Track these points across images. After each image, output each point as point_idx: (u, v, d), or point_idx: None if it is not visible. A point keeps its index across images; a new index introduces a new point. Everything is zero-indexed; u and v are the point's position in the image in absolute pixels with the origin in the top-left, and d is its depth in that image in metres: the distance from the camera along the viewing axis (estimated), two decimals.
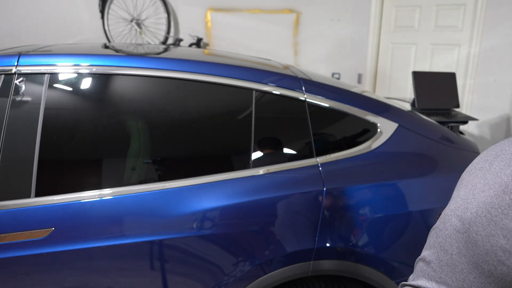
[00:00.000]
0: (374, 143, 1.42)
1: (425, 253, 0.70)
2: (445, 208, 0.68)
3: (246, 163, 1.31)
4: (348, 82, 3.61)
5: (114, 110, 1.28)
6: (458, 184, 0.70)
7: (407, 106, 2.01)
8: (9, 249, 1.14)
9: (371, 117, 1.44)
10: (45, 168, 1.19)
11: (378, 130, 1.44)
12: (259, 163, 1.31)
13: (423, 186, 1.40)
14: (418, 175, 1.41)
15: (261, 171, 1.30)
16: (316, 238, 1.29)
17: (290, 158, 1.34)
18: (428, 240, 0.70)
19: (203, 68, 1.34)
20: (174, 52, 1.61)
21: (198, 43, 3.95)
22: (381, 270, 1.36)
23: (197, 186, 1.25)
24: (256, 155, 1.32)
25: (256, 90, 1.36)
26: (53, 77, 1.25)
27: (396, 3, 3.61)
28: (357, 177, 1.35)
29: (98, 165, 1.25)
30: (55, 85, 1.25)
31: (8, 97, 1.21)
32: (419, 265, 0.70)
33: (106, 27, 4.00)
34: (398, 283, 1.38)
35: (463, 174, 0.70)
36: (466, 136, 1.75)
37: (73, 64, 1.27)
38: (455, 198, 0.66)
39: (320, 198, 1.29)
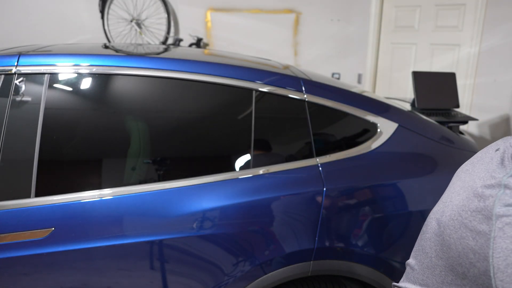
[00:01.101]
0: (374, 143, 1.42)
1: (411, 256, 0.71)
2: (431, 211, 0.69)
3: (246, 163, 1.31)
4: (348, 82, 3.61)
5: (114, 110, 1.28)
6: (448, 186, 0.71)
7: (407, 106, 2.01)
8: (9, 249, 1.14)
9: (371, 117, 1.44)
10: (45, 168, 1.19)
11: (378, 130, 1.44)
12: (259, 163, 1.31)
13: (423, 186, 1.40)
14: (418, 175, 1.41)
15: (261, 171, 1.30)
16: (316, 238, 1.29)
17: (290, 158, 1.34)
18: (415, 244, 0.72)
19: (203, 68, 1.34)
20: (174, 52, 1.61)
21: (198, 43, 3.94)
22: (381, 270, 1.36)
23: (197, 186, 1.25)
24: (256, 155, 1.32)
25: (256, 90, 1.36)
26: (53, 77, 1.25)
27: (396, 3, 3.60)
28: (357, 177, 1.35)
29: (98, 165, 1.25)
30: (55, 85, 1.25)
31: (8, 97, 1.21)
32: (407, 268, 0.71)
33: (106, 27, 4.00)
34: None
35: (453, 177, 0.71)
36: (466, 136, 1.75)
37: (73, 64, 1.27)
38: (439, 201, 0.68)
39: (320, 198, 1.29)
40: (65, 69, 1.26)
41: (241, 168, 1.30)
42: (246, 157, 1.31)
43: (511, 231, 0.52)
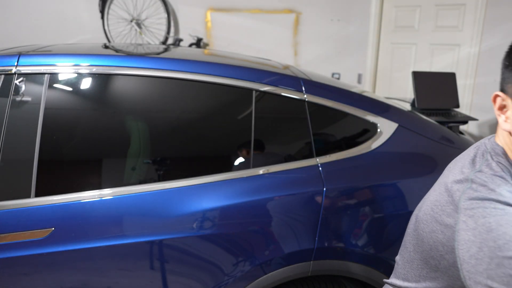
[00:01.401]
0: (374, 143, 1.42)
1: (399, 252, 0.76)
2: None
3: (246, 163, 1.31)
4: (348, 82, 3.61)
5: (114, 110, 1.28)
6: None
7: (407, 106, 2.01)
8: (9, 249, 1.14)
9: (371, 117, 1.44)
10: (45, 168, 1.19)
11: (378, 130, 1.44)
12: (259, 163, 1.31)
13: (423, 186, 1.40)
14: (418, 175, 1.41)
15: (261, 171, 1.30)
16: (316, 238, 1.29)
17: (290, 158, 1.34)
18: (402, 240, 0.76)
19: (203, 68, 1.34)
20: (174, 52, 1.61)
21: (198, 43, 3.94)
22: (381, 270, 1.37)
23: (197, 186, 1.25)
24: (256, 155, 1.32)
25: (256, 90, 1.36)
26: (53, 77, 1.25)
27: (396, 3, 3.60)
28: (357, 177, 1.35)
29: (98, 165, 1.25)
30: (55, 85, 1.25)
31: (8, 97, 1.21)
32: (395, 264, 0.75)
33: (106, 27, 4.00)
34: None
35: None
36: (466, 136, 1.75)
37: (73, 64, 1.27)
38: (422, 198, 0.71)
39: (320, 198, 1.29)
40: (65, 69, 1.26)
41: (241, 168, 1.30)
42: (246, 157, 1.31)
43: (473, 224, 0.53)
